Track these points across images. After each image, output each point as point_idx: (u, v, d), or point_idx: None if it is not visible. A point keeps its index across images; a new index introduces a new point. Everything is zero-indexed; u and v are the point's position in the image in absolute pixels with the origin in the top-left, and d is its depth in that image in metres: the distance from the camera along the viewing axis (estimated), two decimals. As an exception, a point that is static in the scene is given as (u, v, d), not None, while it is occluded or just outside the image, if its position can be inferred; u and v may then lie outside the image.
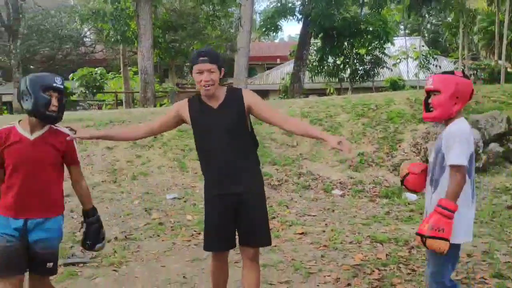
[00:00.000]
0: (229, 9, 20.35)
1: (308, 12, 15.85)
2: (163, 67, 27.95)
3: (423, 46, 23.02)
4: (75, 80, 19.22)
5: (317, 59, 18.95)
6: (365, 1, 17.93)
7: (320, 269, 4.11)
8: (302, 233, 5.17)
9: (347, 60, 18.62)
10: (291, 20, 18.63)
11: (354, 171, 7.73)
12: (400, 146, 8.28)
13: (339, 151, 2.86)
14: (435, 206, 2.44)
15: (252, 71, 27.77)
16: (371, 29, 16.81)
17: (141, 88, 15.27)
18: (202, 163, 2.99)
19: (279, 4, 18.25)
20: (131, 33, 17.67)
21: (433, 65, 21.09)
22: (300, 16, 17.35)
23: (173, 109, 3.01)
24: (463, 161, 2.44)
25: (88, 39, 30.27)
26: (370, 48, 18.28)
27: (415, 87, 19.96)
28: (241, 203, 2.86)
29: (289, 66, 25.14)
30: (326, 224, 5.54)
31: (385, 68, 19.58)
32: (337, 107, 9.53)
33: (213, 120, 2.82)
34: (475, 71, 21.49)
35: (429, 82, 2.59)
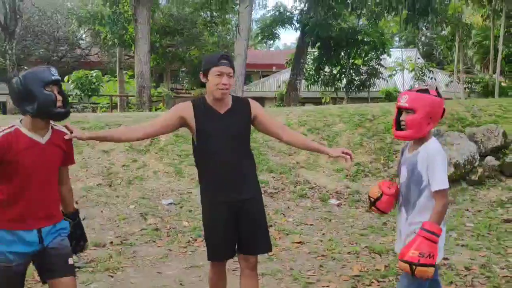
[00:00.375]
0: (227, 15, 20.44)
1: (306, 22, 15.90)
2: (157, 72, 27.91)
3: (418, 58, 23.21)
4: (70, 82, 19.12)
5: (313, 68, 19.00)
6: (363, 12, 18.05)
7: (319, 280, 4.08)
8: (300, 242, 5.14)
9: (344, 70, 18.68)
10: (288, 29, 18.67)
11: (351, 180, 7.71)
12: (396, 157, 8.28)
13: (341, 160, 2.91)
14: (420, 230, 2.36)
15: (247, 79, 27.80)
16: (368, 40, 16.88)
17: (137, 92, 15.22)
18: (201, 168, 2.90)
19: (277, 13, 18.29)
20: (128, 36, 17.66)
21: (428, 77, 21.26)
22: (297, 25, 17.40)
23: (176, 111, 2.87)
24: (447, 184, 2.41)
25: (83, 42, 30.17)
26: (366, 58, 18.37)
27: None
28: (243, 210, 2.82)
29: (284, 74, 25.21)
30: (324, 234, 5.52)
31: (380, 79, 19.68)
32: (334, 116, 9.53)
33: (219, 125, 2.79)
34: (470, 85, 21.67)
35: (403, 99, 2.48)
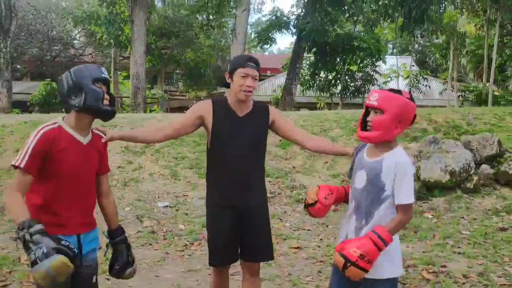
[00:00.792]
0: (223, 19, 20.44)
1: (303, 27, 15.93)
2: (152, 74, 27.83)
3: (413, 65, 23.36)
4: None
5: (309, 73, 19.06)
6: (359, 18, 18.14)
7: (318, 285, 4.06)
8: (298, 247, 5.12)
9: (339, 76, 18.75)
10: (284, 33, 18.74)
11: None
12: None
13: None
14: (370, 232, 2.23)
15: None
16: (364, 46, 16.96)
17: (132, 93, 15.15)
18: (211, 169, 2.84)
19: (273, 17, 18.33)
20: (124, 37, 17.60)
21: (422, 84, 21.41)
22: (294, 30, 17.45)
23: (195, 110, 2.80)
24: (413, 199, 2.26)
25: (77, 42, 30.01)
26: (362, 65, 18.45)
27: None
28: (249, 216, 2.77)
29: (280, 79, 25.23)
30: (321, 239, 5.50)
31: (375, 85, 19.78)
32: (331, 121, 9.54)
33: (237, 128, 2.73)
34: (464, 93, 21.84)
35: (373, 97, 2.27)
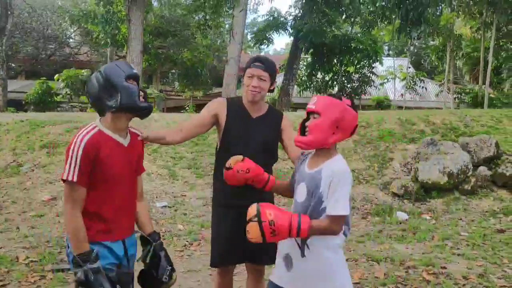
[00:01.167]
0: (220, 18, 20.41)
1: (300, 28, 15.93)
2: (147, 73, 27.74)
3: (409, 67, 23.43)
4: (60, 80, 18.90)
5: (306, 74, 19.06)
6: (356, 20, 18.16)
7: (319, 286, 4.04)
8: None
9: (336, 77, 18.76)
10: (282, 34, 18.75)
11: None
12: (390, 164, 8.31)
13: None
14: (295, 214, 2.02)
15: (239, 82, 27.74)
16: (361, 47, 16.98)
17: (129, 93, 15.06)
18: (220, 168, 2.75)
19: (271, 18, 18.32)
20: (121, 36, 17.53)
21: (419, 86, 21.48)
22: (291, 31, 17.44)
23: (209, 109, 2.78)
24: (347, 210, 2.06)
25: (73, 40, 29.87)
26: (359, 66, 18.48)
27: (401, 107, 20.29)
28: None
29: (276, 79, 25.20)
30: (321, 240, 5.49)
31: (372, 87, 19.82)
32: (328, 122, 9.53)
33: (248, 128, 2.75)
34: (460, 95, 21.93)
35: (312, 101, 2.17)
